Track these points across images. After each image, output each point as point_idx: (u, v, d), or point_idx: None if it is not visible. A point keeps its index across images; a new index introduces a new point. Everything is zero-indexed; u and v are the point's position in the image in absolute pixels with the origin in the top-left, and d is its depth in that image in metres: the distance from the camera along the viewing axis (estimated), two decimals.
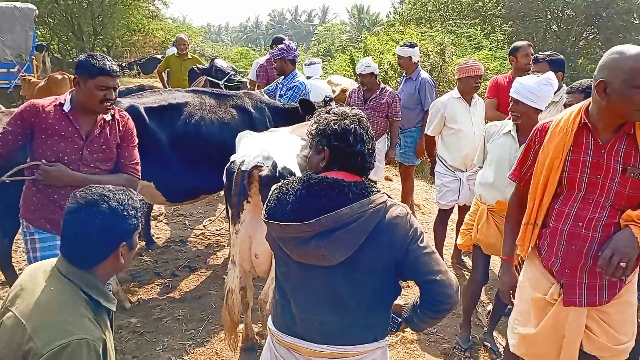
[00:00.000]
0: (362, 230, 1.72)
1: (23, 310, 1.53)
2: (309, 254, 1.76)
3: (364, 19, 48.96)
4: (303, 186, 1.79)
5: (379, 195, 1.78)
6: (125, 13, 21.77)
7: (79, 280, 1.62)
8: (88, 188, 1.68)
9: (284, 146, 3.24)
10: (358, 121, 1.87)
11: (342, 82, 7.85)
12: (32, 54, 13.28)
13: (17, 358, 1.46)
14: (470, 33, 13.67)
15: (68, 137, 2.76)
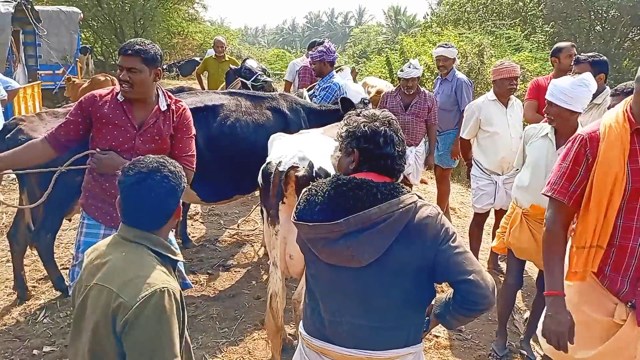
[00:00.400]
0: (392, 231, 1.71)
1: (104, 278, 1.66)
2: (338, 255, 1.76)
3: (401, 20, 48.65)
4: (331, 187, 1.79)
5: (409, 196, 1.76)
6: (165, 16, 22.27)
7: (147, 242, 1.75)
8: (140, 159, 1.78)
9: (318, 147, 3.25)
10: (388, 123, 1.87)
11: (378, 83, 7.83)
12: (76, 56, 13.75)
13: (108, 317, 1.60)
14: (510, 34, 13.41)
15: (121, 126, 2.77)
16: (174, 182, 1.77)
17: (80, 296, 1.72)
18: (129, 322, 1.57)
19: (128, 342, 1.58)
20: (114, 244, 1.77)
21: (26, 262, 4.36)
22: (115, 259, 1.70)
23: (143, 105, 2.81)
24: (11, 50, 10.28)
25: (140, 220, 1.76)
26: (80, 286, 1.75)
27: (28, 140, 3.71)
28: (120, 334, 1.59)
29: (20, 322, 3.77)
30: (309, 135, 3.59)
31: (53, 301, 4.06)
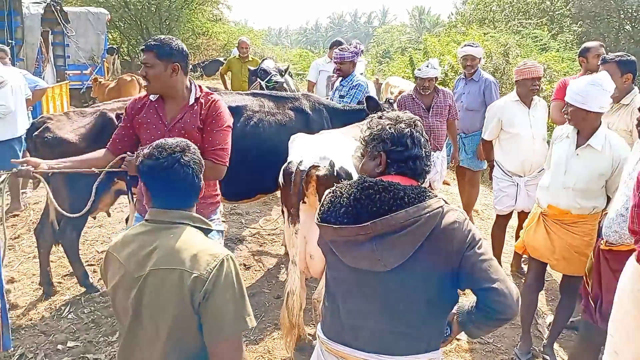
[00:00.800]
0: (418, 235, 1.68)
1: (165, 262, 1.70)
2: (363, 258, 1.73)
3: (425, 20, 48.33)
4: (357, 189, 1.76)
5: (436, 200, 1.73)
6: (190, 17, 22.51)
7: (187, 219, 1.81)
8: (162, 143, 1.82)
9: (339, 146, 3.24)
10: (414, 124, 1.85)
11: (400, 84, 7.79)
12: (103, 57, 13.99)
13: (184, 294, 1.65)
14: (537, 34, 13.19)
15: (153, 124, 2.83)
16: (198, 158, 1.86)
17: (132, 288, 1.72)
18: (208, 292, 1.65)
19: (209, 310, 1.66)
20: (152, 230, 1.79)
21: (52, 258, 4.44)
22: (166, 242, 1.73)
23: (173, 101, 2.85)
24: (40, 50, 10.49)
25: (179, 200, 1.81)
26: (126, 280, 1.75)
27: (55, 138, 3.81)
28: (198, 306, 1.66)
29: (45, 318, 3.85)
30: (329, 135, 3.59)
31: (77, 297, 4.13)
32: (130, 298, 1.73)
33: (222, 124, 2.85)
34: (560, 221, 3.29)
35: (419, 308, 1.75)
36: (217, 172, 2.79)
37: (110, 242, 1.93)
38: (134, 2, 21.17)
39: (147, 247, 1.75)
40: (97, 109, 4.15)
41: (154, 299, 1.70)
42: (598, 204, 3.21)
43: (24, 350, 3.44)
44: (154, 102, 2.86)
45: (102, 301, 4.07)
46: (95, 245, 5.12)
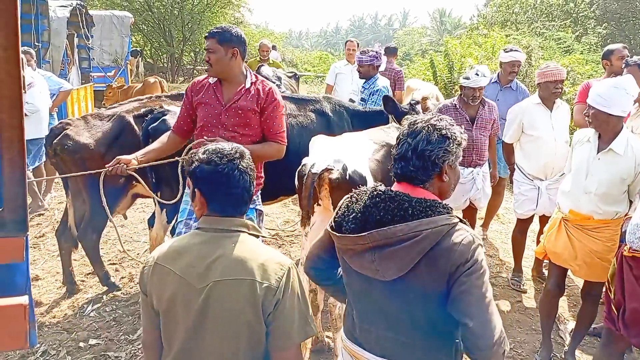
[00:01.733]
0: (416, 251, 1.61)
1: (230, 272, 1.67)
2: (364, 267, 1.72)
3: (446, 22, 47.98)
4: (368, 197, 1.74)
5: (445, 217, 1.64)
6: (212, 20, 22.71)
7: (243, 227, 1.79)
8: (217, 149, 1.78)
9: (355, 150, 3.23)
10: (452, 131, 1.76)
11: (422, 86, 7.62)
12: (127, 59, 14.20)
13: (256, 306, 1.65)
14: (560, 36, 13.01)
15: (211, 104, 3.10)
16: (253, 165, 1.84)
17: (194, 301, 1.67)
18: (280, 301, 1.67)
19: (279, 318, 1.68)
20: (210, 239, 1.74)
21: (75, 257, 4.53)
22: (229, 252, 1.70)
23: (230, 84, 3.10)
24: (66, 53, 10.70)
25: (235, 207, 1.79)
26: (186, 292, 1.69)
27: (75, 144, 3.87)
28: (269, 315, 1.67)
29: (68, 315, 3.92)
30: (349, 137, 3.58)
31: (100, 295, 4.20)
32: (192, 311, 1.67)
33: (278, 111, 3.15)
34: (582, 226, 3.24)
35: (420, 324, 1.70)
36: (281, 151, 3.17)
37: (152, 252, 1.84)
38: (157, 5, 21.45)
39: (208, 257, 1.69)
40: (114, 112, 4.20)
41: (223, 310, 1.66)
42: (620, 209, 3.16)
43: (46, 347, 3.51)
44: (212, 85, 3.12)
45: (124, 299, 4.13)
46: (117, 245, 5.19)
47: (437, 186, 1.75)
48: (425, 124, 1.72)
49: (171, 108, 3.97)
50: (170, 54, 22.52)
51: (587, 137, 3.27)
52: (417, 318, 1.70)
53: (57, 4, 10.67)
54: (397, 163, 1.74)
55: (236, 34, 3.04)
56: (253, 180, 1.81)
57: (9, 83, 1.08)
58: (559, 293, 3.52)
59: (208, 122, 3.09)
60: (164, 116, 3.85)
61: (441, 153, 1.69)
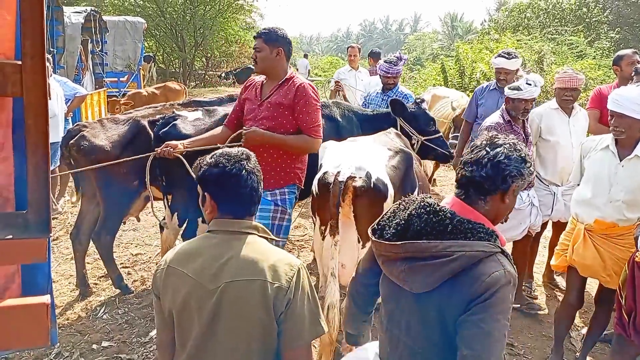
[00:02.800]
0: (446, 270, 1.59)
1: (242, 273, 1.70)
2: (394, 275, 1.74)
3: (457, 27, 47.90)
4: (415, 206, 1.73)
5: (484, 244, 1.60)
6: (224, 25, 22.93)
7: (253, 229, 1.82)
8: (224, 152, 1.82)
9: (373, 156, 3.22)
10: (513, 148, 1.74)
11: (449, 94, 7.28)
12: (139, 65, 14.36)
13: (268, 305, 1.68)
14: (573, 40, 12.96)
15: (251, 99, 3.43)
16: (259, 167, 1.87)
17: (207, 302, 1.69)
18: (291, 301, 1.69)
19: (290, 318, 1.71)
20: (221, 241, 1.77)
21: (88, 260, 4.58)
22: (240, 253, 1.73)
23: (271, 82, 3.37)
24: (80, 58, 10.85)
25: (245, 209, 1.82)
26: (199, 294, 1.71)
27: (90, 146, 3.94)
28: (280, 314, 1.70)
29: (81, 317, 3.97)
30: (360, 143, 3.56)
31: (112, 298, 4.25)
32: (205, 312, 1.70)
33: (311, 106, 3.30)
34: (606, 235, 3.17)
35: (435, 340, 1.68)
36: (314, 145, 3.36)
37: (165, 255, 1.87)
38: (169, 11, 21.72)
39: (220, 258, 1.72)
40: (129, 116, 4.27)
41: (235, 311, 1.69)
42: None
43: (60, 349, 3.55)
44: (258, 83, 3.43)
45: (136, 302, 4.17)
46: (130, 248, 5.26)
47: (495, 206, 1.72)
48: (507, 142, 1.72)
49: (182, 113, 4.03)
50: (182, 59, 22.74)
51: (604, 144, 3.20)
52: (433, 335, 1.68)
53: (71, 10, 10.85)
54: (468, 166, 1.71)
55: (282, 34, 3.29)
56: (260, 180, 1.85)
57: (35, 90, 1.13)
58: (578, 306, 3.46)
59: (247, 116, 3.42)
60: (175, 121, 3.90)
61: (515, 172, 1.68)
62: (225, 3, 22.48)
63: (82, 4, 18.27)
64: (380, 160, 3.21)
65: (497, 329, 1.56)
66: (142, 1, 21.82)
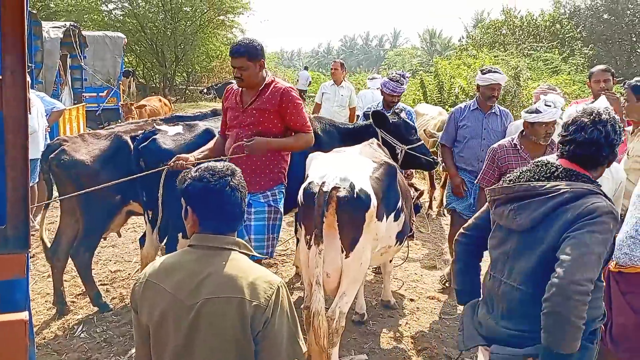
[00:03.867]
0: (551, 204, 1.89)
1: (220, 289, 1.68)
2: (504, 216, 2.04)
3: (436, 43, 48.66)
4: (532, 164, 2.10)
5: (589, 185, 1.92)
6: (205, 40, 22.94)
7: (235, 245, 1.79)
8: (213, 167, 1.81)
9: (357, 168, 3.29)
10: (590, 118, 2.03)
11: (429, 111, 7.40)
12: (119, 80, 14.26)
13: (245, 323, 1.66)
14: (548, 57, 13.28)
15: (233, 108, 3.52)
16: (244, 183, 1.85)
17: (184, 318, 1.68)
18: (268, 320, 1.68)
19: (268, 337, 1.68)
20: (202, 256, 1.75)
21: (66, 277, 4.50)
22: (219, 270, 1.71)
23: (252, 90, 3.44)
24: (59, 73, 10.73)
25: (227, 225, 1.80)
26: (176, 309, 1.69)
27: (71, 160, 3.90)
28: (258, 333, 1.68)
29: (58, 336, 3.88)
30: (346, 154, 3.60)
31: (90, 316, 4.17)
32: (182, 328, 1.68)
33: (299, 105, 3.46)
34: None
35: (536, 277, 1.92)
36: (310, 140, 3.52)
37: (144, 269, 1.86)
38: (150, 26, 21.68)
39: (199, 274, 1.70)
40: (111, 132, 4.24)
41: (212, 328, 1.67)
42: None
43: None
44: (237, 91, 3.52)
45: (115, 320, 4.10)
46: (109, 265, 5.18)
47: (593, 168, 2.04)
48: (609, 115, 2.02)
49: (162, 128, 4.02)
50: (163, 74, 22.66)
51: None
52: (534, 271, 1.94)
53: (50, 25, 10.74)
54: (587, 148, 2.00)
55: (260, 46, 3.36)
56: (244, 197, 1.83)
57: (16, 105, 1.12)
58: None
59: (231, 123, 3.50)
60: (154, 135, 3.90)
61: (617, 141, 2.01)
62: (206, 18, 22.53)
63: (62, 19, 18.16)
64: (364, 171, 3.27)
65: (594, 243, 1.79)
66: (123, 16, 21.75)
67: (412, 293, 4.81)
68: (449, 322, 4.28)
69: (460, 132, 4.71)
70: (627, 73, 14.74)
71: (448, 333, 4.12)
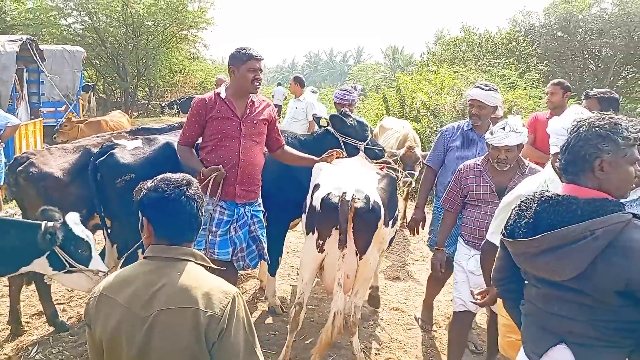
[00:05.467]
0: (591, 249, 1.68)
1: (174, 300, 1.65)
2: (539, 269, 1.83)
3: (398, 59, 49.54)
4: (537, 203, 1.84)
5: (617, 215, 1.70)
6: (167, 55, 22.69)
7: (191, 256, 1.77)
8: (165, 177, 1.79)
9: (367, 179, 3.62)
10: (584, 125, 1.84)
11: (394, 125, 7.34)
12: (78, 94, 13.94)
13: (199, 333, 1.63)
14: (505, 73, 13.69)
15: (227, 117, 3.42)
16: (201, 193, 1.83)
17: (138, 330, 1.65)
18: (223, 331, 1.64)
19: (223, 348, 1.65)
20: (156, 268, 1.72)
21: (21, 297, 4.34)
22: (174, 281, 1.68)
23: (241, 100, 3.47)
24: (15, 87, 10.44)
25: (182, 235, 1.78)
26: (129, 322, 1.67)
27: (39, 172, 3.82)
28: (213, 344, 1.64)
29: (11, 358, 3.74)
30: (351, 165, 3.89)
31: (46, 337, 4.03)
32: (135, 341, 1.65)
33: (276, 119, 3.74)
34: None
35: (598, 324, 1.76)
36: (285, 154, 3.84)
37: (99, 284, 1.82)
38: (110, 40, 21.33)
39: (153, 286, 1.67)
40: (79, 145, 4.18)
41: (165, 340, 1.64)
42: None
43: None
44: (224, 99, 3.44)
45: (71, 340, 3.97)
46: None
47: (597, 183, 1.80)
48: (585, 122, 1.83)
49: (121, 142, 3.98)
50: (124, 88, 22.29)
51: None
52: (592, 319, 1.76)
53: (5, 38, 10.45)
54: (559, 158, 1.87)
55: None
56: (200, 207, 1.81)
57: None
58: None
59: (227, 134, 3.42)
60: (112, 150, 3.85)
61: (591, 150, 1.78)
62: (169, 33, 22.32)
63: (18, 32, 17.68)
64: (372, 182, 3.62)
65: None
66: (82, 30, 21.32)
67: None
68: (412, 333, 4.31)
69: (449, 154, 4.16)
70: (580, 88, 15.32)
71: (411, 344, 4.15)
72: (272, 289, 4.58)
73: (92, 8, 20.06)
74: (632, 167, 1.80)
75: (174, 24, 21.73)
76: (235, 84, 3.45)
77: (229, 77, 3.49)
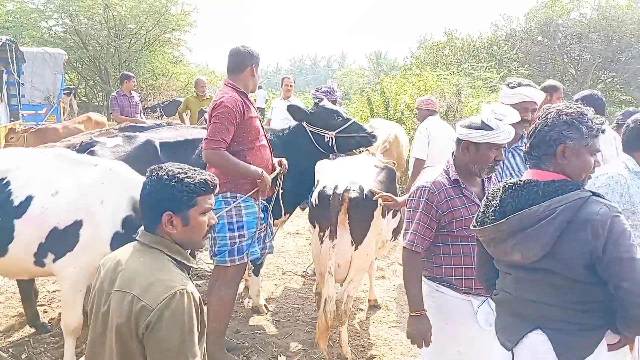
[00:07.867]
0: (554, 227, 1.75)
1: (125, 284, 1.69)
2: (507, 253, 1.88)
3: (382, 63, 49.82)
4: (502, 191, 1.92)
5: (577, 192, 1.78)
6: (150, 58, 22.51)
7: (162, 247, 1.77)
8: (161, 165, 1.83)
9: (364, 172, 3.74)
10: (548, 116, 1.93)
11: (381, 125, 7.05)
12: (59, 97, 13.77)
13: (131, 321, 1.63)
14: (487, 76, 13.85)
15: (256, 116, 3.51)
16: (157, 187, 1.74)
17: (104, 306, 1.73)
18: (151, 324, 1.60)
19: (150, 344, 1.61)
20: (134, 251, 1.79)
21: (0, 299, 4.27)
22: (134, 265, 1.73)
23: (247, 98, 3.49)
24: None
25: (147, 221, 1.81)
26: (101, 295, 1.76)
27: None
28: (142, 336, 1.62)
29: None
30: (351, 161, 4.07)
31: (27, 338, 3.96)
32: (99, 315, 1.74)
33: None
34: None
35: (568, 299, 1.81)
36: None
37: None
38: (92, 43, 21.10)
39: (122, 266, 1.74)
40: (71, 143, 4.14)
41: (114, 321, 1.68)
42: None
43: None
44: (245, 99, 3.42)
45: (53, 342, 3.91)
46: (46, 285, 4.94)
47: (558, 167, 1.87)
48: (554, 110, 1.89)
49: (101, 139, 3.95)
50: (106, 91, 22.05)
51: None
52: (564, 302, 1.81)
53: None
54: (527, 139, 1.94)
55: None
56: (151, 195, 1.76)
57: None
58: None
59: (261, 132, 3.52)
60: (92, 147, 3.82)
61: (555, 135, 1.85)
62: (152, 36, 22.15)
63: None
64: (369, 174, 3.72)
65: (631, 250, 1.71)
66: (64, 33, 21.07)
67: (361, 303, 4.84)
68: (398, 331, 4.32)
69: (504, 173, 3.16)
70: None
71: (396, 341, 4.16)
72: (256, 288, 4.57)
73: (73, 10, 19.81)
74: (592, 157, 1.88)
75: (157, 27, 21.57)
76: (251, 82, 3.52)
77: (244, 75, 3.45)
